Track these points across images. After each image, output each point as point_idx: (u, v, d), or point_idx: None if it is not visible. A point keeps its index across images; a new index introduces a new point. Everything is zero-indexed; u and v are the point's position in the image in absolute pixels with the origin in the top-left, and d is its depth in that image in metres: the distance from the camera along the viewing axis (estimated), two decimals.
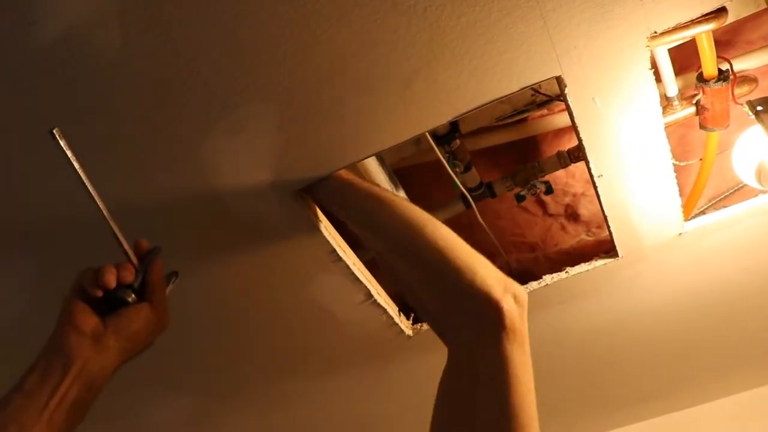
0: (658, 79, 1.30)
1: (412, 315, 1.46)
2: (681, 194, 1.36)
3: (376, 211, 0.98)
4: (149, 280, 0.89)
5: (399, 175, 1.49)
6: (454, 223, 1.54)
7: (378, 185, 1.05)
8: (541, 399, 1.71)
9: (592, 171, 1.16)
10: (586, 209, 1.61)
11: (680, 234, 1.30)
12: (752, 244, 1.32)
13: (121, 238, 0.87)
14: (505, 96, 1.04)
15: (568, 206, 1.63)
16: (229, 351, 1.43)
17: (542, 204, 1.64)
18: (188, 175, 1.11)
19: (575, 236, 1.65)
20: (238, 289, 1.29)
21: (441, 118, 1.05)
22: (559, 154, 1.35)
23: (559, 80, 1.02)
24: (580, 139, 1.11)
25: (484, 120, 1.32)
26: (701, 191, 1.40)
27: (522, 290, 0.84)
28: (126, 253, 0.88)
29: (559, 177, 1.57)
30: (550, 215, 1.65)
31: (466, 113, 1.05)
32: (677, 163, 1.40)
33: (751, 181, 1.13)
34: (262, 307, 1.33)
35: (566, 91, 1.03)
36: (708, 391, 1.88)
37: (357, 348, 1.48)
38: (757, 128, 1.13)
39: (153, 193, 1.13)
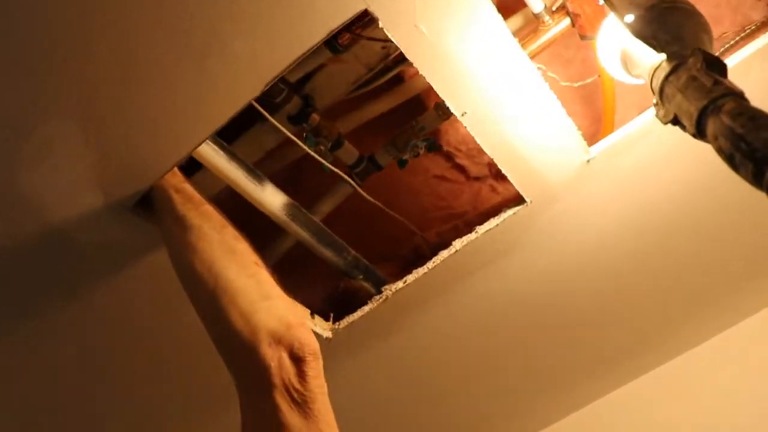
0: None
1: (332, 314, 1.33)
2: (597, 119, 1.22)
3: (177, 241, 0.90)
4: None
5: (291, 172, 1.38)
6: (366, 208, 1.42)
7: (201, 205, 0.95)
8: (489, 378, 1.55)
9: (452, 110, 1.03)
10: None
11: (588, 161, 1.14)
12: (672, 154, 1.15)
13: None
14: (314, 47, 0.91)
15: (491, 165, 1.48)
16: (121, 393, 1.31)
17: (462, 168, 1.49)
18: (18, 216, 1.02)
19: (509, 198, 1.49)
20: (115, 323, 1.17)
21: (252, 90, 0.94)
22: (437, 105, 1.21)
23: (368, 14, 0.90)
24: (423, 76, 0.98)
25: (339, 87, 1.19)
26: (613, 109, 1.24)
27: (308, 340, 0.75)
28: None
29: (468, 136, 1.42)
30: (476, 179, 1.50)
31: (278, 75, 0.93)
32: (571, 84, 1.26)
33: (619, 73, 0.98)
34: (146, 338, 1.21)
35: (381, 25, 0.91)
36: (679, 339, 1.66)
37: None
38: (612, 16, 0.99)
39: None
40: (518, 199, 1.19)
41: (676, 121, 0.80)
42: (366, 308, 1.28)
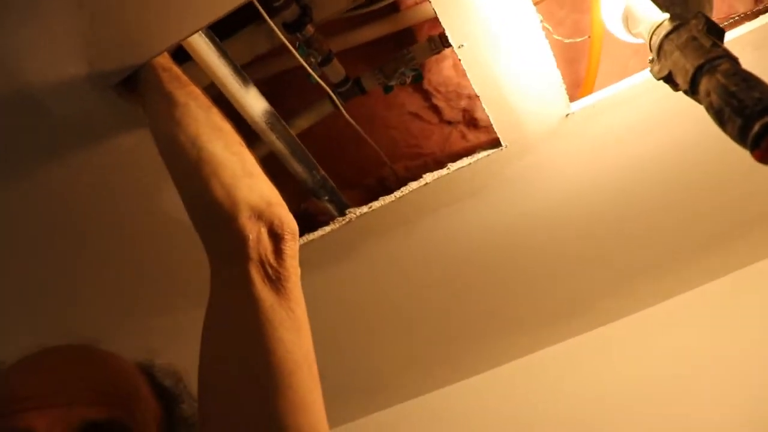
0: None
1: None
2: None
3: (161, 116, 0.88)
4: None
5: (274, 84, 1.36)
6: (336, 133, 1.43)
7: (187, 86, 0.93)
8: (437, 320, 1.57)
9: (451, 41, 1.04)
10: (483, 113, 1.48)
11: (567, 115, 1.18)
12: (651, 122, 1.20)
13: None
14: None
15: (465, 111, 1.50)
16: (92, 269, 1.30)
17: (437, 110, 1.51)
18: None
19: (478, 144, 1.53)
20: (80, 202, 1.15)
21: None
22: (430, 38, 1.22)
23: None
24: (420, 9, 0.99)
25: (338, 3, 1.19)
26: (595, 71, 1.28)
27: (288, 219, 0.75)
28: None
29: (450, 78, 1.44)
30: (448, 122, 1.53)
31: None
32: (564, 39, 1.28)
33: (619, 30, 1.02)
34: (108, 228, 1.20)
35: None
36: (631, 300, 1.70)
37: None
38: None
39: None
40: (494, 143, 1.22)
41: (668, 78, 0.84)
42: (327, 228, 1.30)
